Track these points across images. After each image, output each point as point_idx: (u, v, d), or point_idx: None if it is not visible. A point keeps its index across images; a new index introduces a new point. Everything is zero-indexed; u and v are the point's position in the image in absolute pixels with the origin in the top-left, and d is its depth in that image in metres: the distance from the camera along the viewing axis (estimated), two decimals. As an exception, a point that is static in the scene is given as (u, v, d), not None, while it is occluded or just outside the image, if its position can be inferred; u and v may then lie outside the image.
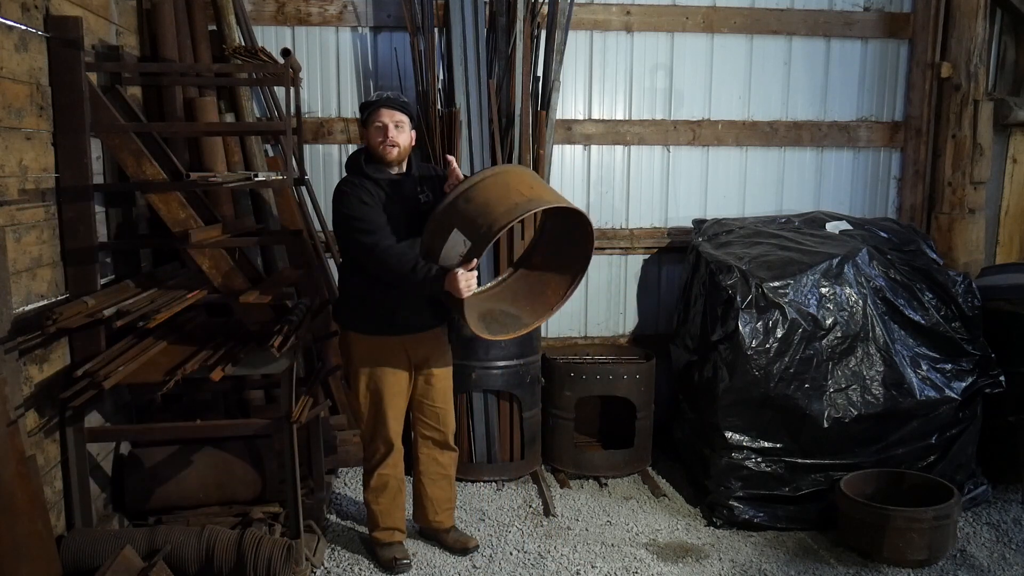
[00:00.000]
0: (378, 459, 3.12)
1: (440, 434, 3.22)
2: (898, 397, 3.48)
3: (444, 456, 3.26)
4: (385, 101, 2.89)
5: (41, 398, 2.65)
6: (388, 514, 3.18)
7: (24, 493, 2.32)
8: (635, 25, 4.34)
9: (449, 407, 3.23)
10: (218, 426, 3.18)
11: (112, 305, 2.75)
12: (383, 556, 3.17)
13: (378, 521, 3.18)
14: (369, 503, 3.18)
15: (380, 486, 3.14)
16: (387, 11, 4.13)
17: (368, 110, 2.90)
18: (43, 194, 2.75)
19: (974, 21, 4.28)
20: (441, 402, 3.18)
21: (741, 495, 3.49)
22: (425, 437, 3.22)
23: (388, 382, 3.03)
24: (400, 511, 3.23)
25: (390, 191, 2.90)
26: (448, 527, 3.34)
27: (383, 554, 3.17)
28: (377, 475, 3.13)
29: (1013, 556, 3.29)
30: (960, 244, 4.40)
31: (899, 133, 4.61)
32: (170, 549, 2.63)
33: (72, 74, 2.81)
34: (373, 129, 2.89)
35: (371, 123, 2.89)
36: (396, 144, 2.89)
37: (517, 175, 2.82)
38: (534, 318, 3.09)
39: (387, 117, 2.87)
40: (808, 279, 3.55)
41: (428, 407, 3.17)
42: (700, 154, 4.52)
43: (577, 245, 3.00)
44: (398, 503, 3.21)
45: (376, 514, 3.17)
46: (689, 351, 3.90)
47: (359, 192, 2.85)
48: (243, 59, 3.11)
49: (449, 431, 3.24)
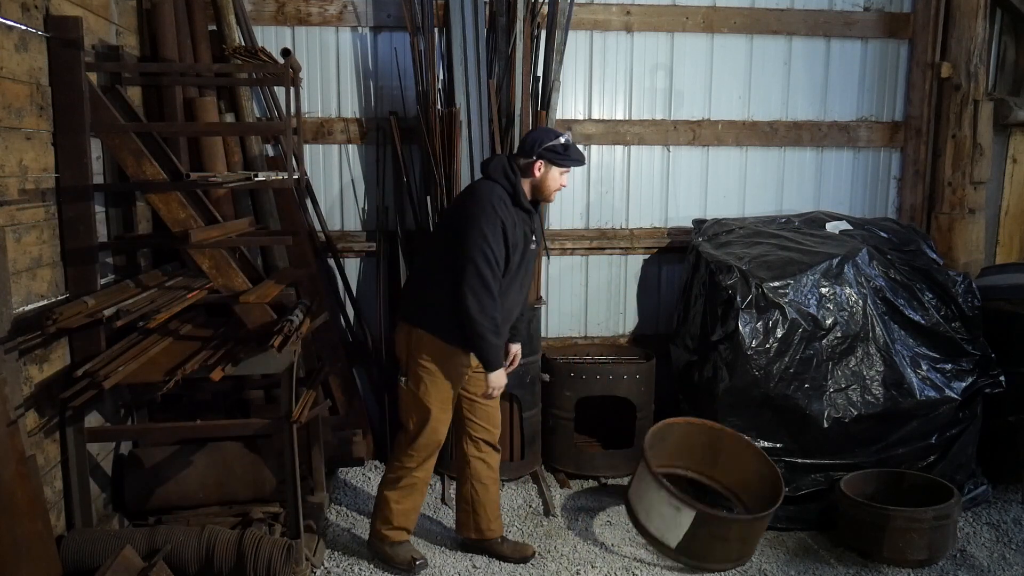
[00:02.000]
0: (417, 461, 3.06)
1: (491, 434, 3.19)
2: (898, 397, 3.48)
3: (493, 457, 3.22)
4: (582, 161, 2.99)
5: (41, 398, 2.65)
6: (406, 514, 3.13)
7: (24, 493, 2.32)
8: (635, 25, 4.34)
9: (498, 407, 3.22)
10: (218, 426, 3.17)
11: (112, 305, 2.75)
12: (398, 555, 3.13)
13: (392, 520, 3.12)
14: (389, 500, 3.10)
15: (409, 486, 3.09)
16: (387, 11, 4.13)
17: (567, 162, 2.93)
18: (43, 194, 2.74)
19: (974, 21, 4.28)
20: (493, 402, 3.16)
21: (741, 495, 3.50)
22: (475, 439, 3.17)
23: (456, 386, 3.03)
24: (416, 513, 3.19)
25: (521, 223, 2.94)
26: (501, 535, 3.27)
27: (397, 553, 3.13)
28: (412, 475, 3.08)
29: (1013, 556, 3.29)
30: (960, 244, 4.40)
31: (899, 133, 4.61)
32: (170, 549, 2.63)
33: (72, 74, 2.81)
34: (561, 175, 2.97)
35: (562, 171, 2.96)
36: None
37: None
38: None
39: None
40: (808, 279, 3.55)
41: (480, 407, 3.13)
42: (700, 154, 4.52)
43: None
44: (417, 505, 3.17)
45: (393, 513, 3.11)
46: (689, 351, 3.90)
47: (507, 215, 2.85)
48: (243, 59, 3.11)
49: (498, 430, 3.23)
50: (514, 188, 2.91)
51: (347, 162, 4.27)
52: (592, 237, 4.46)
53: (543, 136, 2.93)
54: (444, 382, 2.98)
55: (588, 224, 4.49)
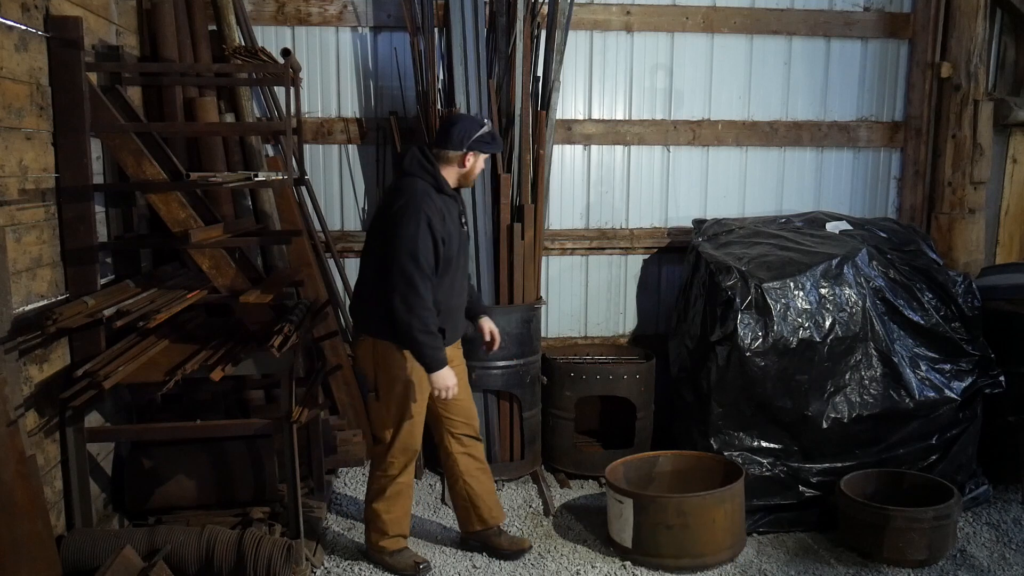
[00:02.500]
0: (398, 468, 3.05)
1: (471, 426, 3.19)
2: (898, 398, 3.48)
3: (477, 448, 3.22)
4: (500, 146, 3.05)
5: (41, 398, 2.65)
6: (398, 522, 3.13)
7: (24, 493, 2.32)
8: (635, 25, 4.34)
9: (471, 398, 3.23)
10: (218, 426, 3.17)
11: (112, 305, 2.75)
12: (400, 563, 3.11)
13: (387, 530, 3.11)
14: (380, 513, 3.09)
15: (395, 494, 3.08)
16: (387, 11, 4.13)
17: (485, 146, 2.95)
18: (43, 194, 2.74)
19: (974, 21, 4.28)
20: (465, 395, 3.15)
21: (741, 495, 3.49)
22: (456, 435, 3.16)
23: (423, 388, 2.98)
24: (408, 517, 3.19)
25: (450, 209, 2.94)
26: (501, 524, 3.29)
27: (399, 561, 3.12)
28: (396, 483, 3.06)
29: (1013, 556, 3.29)
30: (960, 244, 4.40)
31: (899, 133, 4.61)
32: (170, 549, 2.63)
33: (72, 74, 2.81)
34: (480, 160, 2.99)
35: (480, 155, 2.98)
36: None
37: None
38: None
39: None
40: (808, 279, 3.55)
41: (454, 403, 3.07)
42: (700, 154, 4.52)
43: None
44: (407, 509, 3.17)
45: (386, 523, 3.10)
46: (688, 351, 3.90)
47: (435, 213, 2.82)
48: (243, 59, 3.11)
49: (476, 421, 3.23)
50: (435, 178, 2.89)
51: (347, 162, 4.27)
52: (592, 237, 4.46)
53: (469, 127, 2.91)
54: (412, 385, 2.95)
55: (588, 224, 4.49)
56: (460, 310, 3.09)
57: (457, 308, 3.05)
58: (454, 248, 2.91)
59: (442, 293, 2.89)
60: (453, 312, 3.01)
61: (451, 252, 2.89)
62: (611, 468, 3.41)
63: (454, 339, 3.07)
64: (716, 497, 3.13)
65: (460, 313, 3.10)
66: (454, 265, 2.93)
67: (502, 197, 3.94)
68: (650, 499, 3.16)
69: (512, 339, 3.85)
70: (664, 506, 3.12)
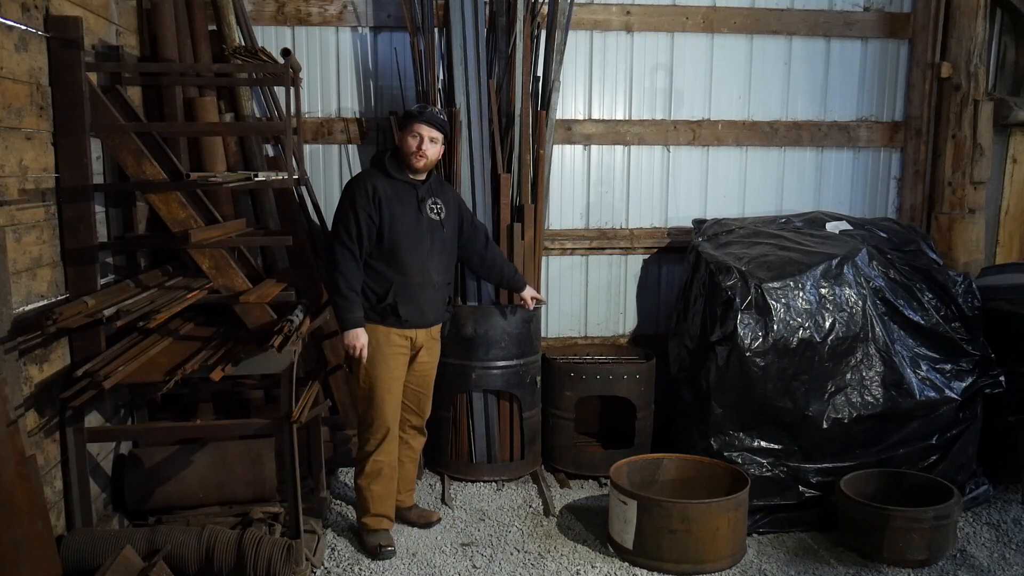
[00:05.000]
0: (374, 444, 3.20)
1: (418, 419, 3.40)
2: (898, 398, 3.48)
3: (417, 440, 3.46)
4: (428, 117, 3.09)
5: (41, 398, 2.65)
6: (380, 500, 3.25)
7: (24, 493, 2.32)
8: (635, 25, 4.34)
9: (430, 395, 3.40)
10: (218, 426, 3.18)
11: (112, 305, 2.75)
12: (369, 542, 3.24)
13: (369, 507, 3.25)
14: (361, 489, 3.25)
15: (374, 472, 3.22)
16: (387, 11, 4.13)
17: (409, 120, 3.11)
18: (43, 194, 2.74)
19: (974, 21, 4.28)
20: (425, 388, 3.35)
21: (741, 495, 3.49)
22: (403, 421, 3.32)
23: (391, 366, 3.15)
24: (391, 499, 3.30)
25: (404, 193, 3.13)
26: (410, 505, 3.52)
27: (369, 540, 3.25)
28: (372, 461, 3.21)
29: (1013, 556, 3.29)
30: (960, 244, 4.40)
31: (899, 133, 4.61)
32: (170, 549, 2.63)
33: (72, 74, 2.81)
34: (409, 136, 3.10)
35: (408, 131, 3.10)
36: (425, 156, 3.12)
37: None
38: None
39: (425, 131, 3.09)
40: (808, 279, 3.55)
41: (412, 391, 3.31)
42: (700, 154, 4.52)
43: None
44: (390, 490, 3.28)
45: (368, 500, 3.24)
46: (688, 351, 3.90)
47: (361, 191, 3.08)
48: (243, 59, 3.11)
49: (425, 417, 3.43)
50: (383, 166, 3.13)
51: (347, 162, 4.27)
52: (592, 237, 4.46)
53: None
54: (381, 361, 3.12)
55: (588, 224, 4.49)
56: (424, 292, 3.17)
57: (419, 288, 3.15)
58: (402, 229, 3.07)
59: (391, 270, 3.10)
60: (413, 292, 3.14)
61: (398, 232, 3.07)
62: (615, 468, 3.41)
63: (419, 322, 3.19)
64: (722, 506, 3.12)
65: (427, 295, 3.19)
66: (408, 245, 3.10)
67: (502, 197, 3.94)
68: (655, 502, 3.15)
69: (512, 339, 3.85)
70: (669, 510, 3.12)
